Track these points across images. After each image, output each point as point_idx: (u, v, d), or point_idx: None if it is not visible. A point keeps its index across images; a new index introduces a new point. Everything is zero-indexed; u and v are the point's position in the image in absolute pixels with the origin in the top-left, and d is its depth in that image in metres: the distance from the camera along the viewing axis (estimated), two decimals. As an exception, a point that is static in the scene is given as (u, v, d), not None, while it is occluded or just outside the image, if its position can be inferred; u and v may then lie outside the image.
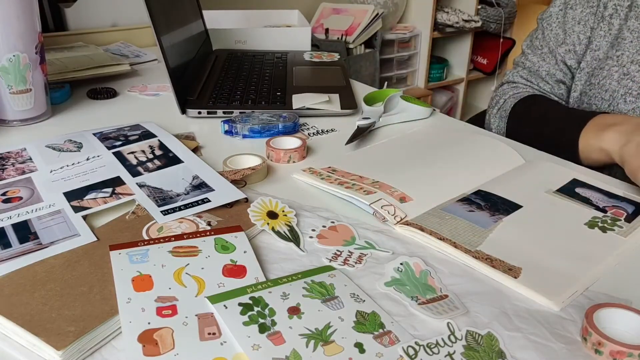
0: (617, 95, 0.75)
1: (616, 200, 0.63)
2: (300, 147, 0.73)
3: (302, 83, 1.01)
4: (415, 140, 0.80)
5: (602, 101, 0.77)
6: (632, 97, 0.73)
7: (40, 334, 0.41)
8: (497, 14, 2.78)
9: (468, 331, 0.44)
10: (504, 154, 0.75)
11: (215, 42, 1.23)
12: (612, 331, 0.43)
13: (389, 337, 0.43)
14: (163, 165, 0.68)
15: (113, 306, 0.44)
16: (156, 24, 0.81)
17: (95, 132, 0.77)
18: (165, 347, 0.40)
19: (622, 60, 0.75)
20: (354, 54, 2.38)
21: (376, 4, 2.53)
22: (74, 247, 0.52)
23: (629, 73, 0.74)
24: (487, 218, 0.59)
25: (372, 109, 0.87)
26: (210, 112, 0.87)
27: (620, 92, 0.74)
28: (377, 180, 0.65)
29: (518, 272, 0.51)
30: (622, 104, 0.74)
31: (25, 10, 0.78)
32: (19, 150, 0.72)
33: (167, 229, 0.55)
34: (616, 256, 0.54)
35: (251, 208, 0.58)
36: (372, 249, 0.55)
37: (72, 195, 0.61)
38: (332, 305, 0.45)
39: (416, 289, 0.49)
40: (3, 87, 0.81)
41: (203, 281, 0.47)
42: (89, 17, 1.28)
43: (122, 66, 1.07)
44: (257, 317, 0.43)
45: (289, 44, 1.26)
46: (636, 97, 0.72)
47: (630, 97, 0.73)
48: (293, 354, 0.40)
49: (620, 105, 0.74)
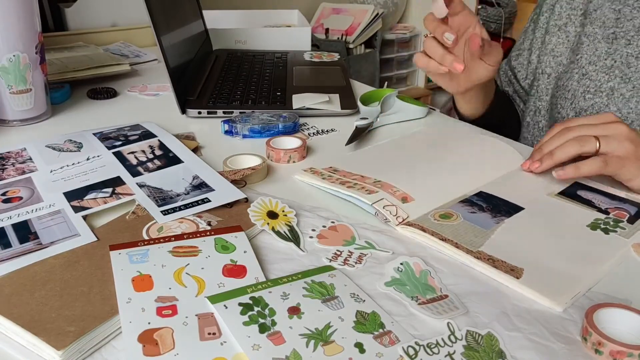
0: (577, 94, 0.82)
1: (618, 202, 0.63)
2: (300, 147, 0.73)
3: (302, 83, 1.01)
4: (416, 140, 0.80)
5: (566, 100, 0.84)
6: (590, 95, 0.80)
7: (40, 334, 0.41)
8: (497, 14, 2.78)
9: (468, 331, 0.44)
10: (505, 154, 0.75)
11: (215, 42, 1.23)
12: (612, 331, 0.43)
13: (389, 337, 0.43)
14: (163, 165, 0.68)
15: (113, 306, 0.44)
16: (156, 24, 0.81)
17: (95, 132, 0.77)
18: (165, 347, 0.40)
19: (582, 62, 0.83)
20: (354, 54, 2.38)
21: (376, 4, 2.53)
22: (74, 247, 0.52)
23: (587, 73, 0.82)
24: (488, 219, 0.59)
25: (369, 109, 0.87)
26: (210, 112, 0.87)
27: (580, 91, 0.82)
28: (379, 179, 0.65)
29: (520, 272, 0.51)
30: (582, 101, 0.81)
31: (25, 10, 0.78)
32: (19, 150, 0.72)
33: (167, 229, 0.55)
34: (619, 257, 0.54)
35: (251, 208, 0.58)
36: (372, 249, 0.55)
37: (72, 195, 0.61)
38: (332, 305, 0.45)
39: (416, 289, 0.49)
40: (3, 87, 0.81)
41: (203, 281, 0.47)
42: (89, 17, 1.28)
43: (122, 66, 1.07)
44: (257, 317, 0.43)
45: (289, 44, 1.26)
46: (594, 94, 0.80)
47: (588, 95, 0.81)
48: (293, 354, 0.40)
49: (581, 102, 0.82)
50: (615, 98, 0.78)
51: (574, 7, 0.87)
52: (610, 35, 0.81)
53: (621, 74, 0.78)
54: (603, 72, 0.80)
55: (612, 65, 0.79)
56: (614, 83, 0.78)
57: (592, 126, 0.65)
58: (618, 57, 0.79)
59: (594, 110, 0.80)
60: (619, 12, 0.81)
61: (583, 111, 0.81)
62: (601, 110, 0.79)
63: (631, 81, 0.77)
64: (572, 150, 0.64)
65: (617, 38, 0.80)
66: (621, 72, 0.78)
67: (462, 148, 0.76)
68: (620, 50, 0.79)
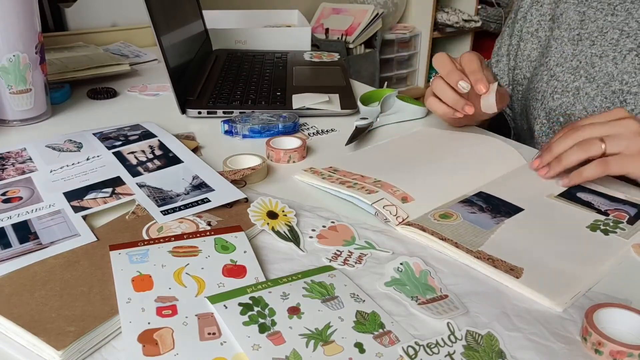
0: (546, 95, 0.85)
1: (618, 204, 0.63)
2: (300, 147, 0.73)
3: (302, 83, 1.01)
4: (416, 140, 0.80)
5: (536, 101, 0.87)
6: (558, 95, 0.83)
7: (40, 334, 0.41)
8: (497, 14, 2.78)
9: (468, 331, 0.44)
10: (505, 154, 0.75)
11: (215, 42, 1.23)
12: (612, 331, 0.43)
13: (389, 337, 0.43)
14: (163, 165, 0.68)
15: (113, 306, 0.44)
16: (156, 24, 0.81)
17: (95, 132, 0.77)
18: (165, 347, 0.40)
19: (550, 64, 0.86)
20: (354, 54, 2.39)
21: (376, 4, 2.53)
22: (74, 247, 0.52)
23: (555, 74, 0.85)
24: (488, 220, 0.59)
25: (369, 109, 0.87)
26: (210, 112, 0.87)
27: (548, 92, 0.85)
28: (378, 179, 0.65)
29: (520, 272, 0.51)
30: (550, 101, 0.84)
31: (25, 10, 0.78)
32: (19, 150, 0.72)
33: (167, 229, 0.55)
34: (619, 257, 0.54)
35: (251, 208, 0.58)
36: (372, 249, 0.55)
37: (72, 195, 0.61)
38: (332, 305, 0.45)
39: (416, 289, 0.49)
40: (3, 87, 0.81)
41: (203, 281, 0.47)
42: (89, 17, 1.28)
43: (122, 66, 1.07)
44: (257, 317, 0.43)
45: (289, 44, 1.26)
46: (561, 94, 0.83)
47: (556, 95, 0.83)
48: (293, 354, 0.40)
49: (550, 102, 0.84)
50: (581, 97, 0.80)
51: (543, 13, 0.91)
52: (576, 37, 0.83)
53: (586, 74, 0.80)
54: (569, 73, 0.83)
55: (577, 65, 0.82)
56: (580, 83, 0.81)
57: (601, 125, 0.65)
58: (583, 58, 0.81)
59: (561, 109, 0.83)
60: (584, 14, 0.83)
61: (552, 111, 0.84)
62: (569, 109, 0.82)
63: (595, 80, 0.79)
64: (576, 157, 0.64)
65: (581, 39, 0.82)
66: (586, 72, 0.80)
67: (462, 148, 0.76)
68: (585, 51, 0.81)
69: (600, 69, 0.79)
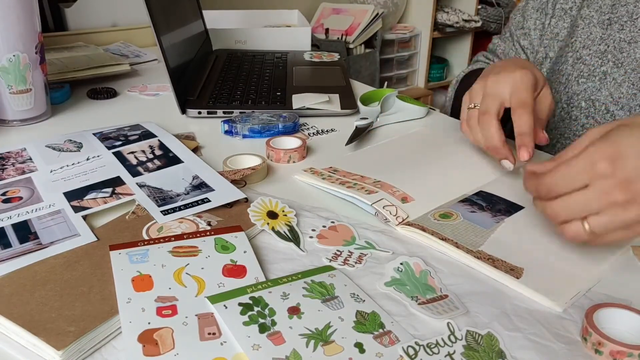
0: (571, 78, 0.83)
1: None
2: (300, 147, 0.73)
3: (302, 83, 1.01)
4: (416, 140, 0.80)
5: (559, 84, 0.85)
6: (584, 79, 0.81)
7: (40, 334, 0.41)
8: (497, 14, 2.78)
9: (468, 331, 0.44)
10: (504, 154, 0.75)
11: (215, 42, 1.23)
12: (612, 331, 0.43)
13: (389, 337, 0.43)
14: (163, 165, 0.68)
15: (113, 306, 0.44)
16: (156, 24, 0.81)
17: (95, 132, 0.77)
18: (165, 347, 0.40)
19: (576, 46, 0.83)
20: (354, 54, 2.39)
21: (376, 4, 2.53)
22: (74, 247, 0.52)
23: (581, 57, 0.82)
24: (488, 219, 0.59)
25: (369, 109, 0.87)
26: (210, 112, 0.87)
27: (573, 75, 0.83)
28: (378, 180, 0.65)
29: (520, 272, 0.51)
30: (575, 85, 0.83)
31: (25, 10, 0.78)
32: (19, 150, 0.72)
33: (167, 229, 0.55)
34: (619, 257, 0.54)
35: (251, 208, 0.58)
36: (372, 249, 0.55)
37: (72, 195, 0.61)
38: (332, 305, 0.45)
39: (416, 289, 0.49)
40: (3, 87, 0.81)
41: (203, 281, 0.47)
42: (89, 17, 1.28)
43: (122, 66, 1.07)
44: (257, 317, 0.43)
45: (289, 44, 1.26)
46: (587, 78, 0.81)
47: (582, 79, 0.82)
48: (293, 354, 0.40)
49: (574, 86, 0.83)
50: (608, 82, 0.79)
51: None
52: (606, 21, 0.81)
53: (614, 59, 0.79)
54: (597, 57, 0.81)
55: (605, 50, 0.80)
56: (607, 67, 0.80)
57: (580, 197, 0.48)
58: (611, 42, 0.80)
59: (586, 94, 0.81)
60: None
61: (575, 95, 0.82)
62: (593, 94, 0.80)
63: (623, 66, 0.78)
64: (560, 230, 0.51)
65: (611, 24, 0.81)
66: (614, 56, 0.79)
67: (462, 148, 0.76)
68: (614, 35, 0.80)
69: (628, 54, 0.78)
